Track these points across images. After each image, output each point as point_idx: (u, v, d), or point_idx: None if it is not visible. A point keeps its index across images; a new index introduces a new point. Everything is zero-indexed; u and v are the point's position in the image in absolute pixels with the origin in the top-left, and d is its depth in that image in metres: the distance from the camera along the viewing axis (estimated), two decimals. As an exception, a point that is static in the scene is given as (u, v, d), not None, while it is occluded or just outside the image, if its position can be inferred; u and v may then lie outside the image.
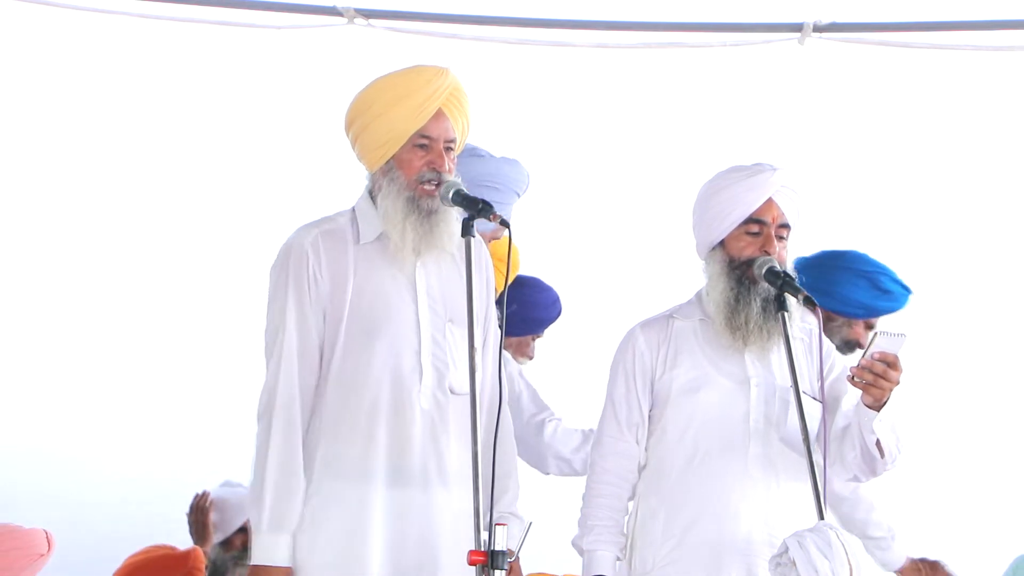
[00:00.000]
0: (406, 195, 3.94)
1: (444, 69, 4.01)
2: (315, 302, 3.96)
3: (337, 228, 4.03)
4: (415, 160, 3.95)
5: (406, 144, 3.96)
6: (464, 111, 4.03)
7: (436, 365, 3.96)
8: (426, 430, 3.93)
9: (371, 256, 4.01)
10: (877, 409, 3.88)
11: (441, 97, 3.97)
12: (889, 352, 3.84)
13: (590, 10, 5.94)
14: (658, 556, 4.06)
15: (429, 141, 3.96)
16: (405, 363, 3.94)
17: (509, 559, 3.47)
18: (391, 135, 3.96)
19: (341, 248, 4.00)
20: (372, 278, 3.99)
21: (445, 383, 3.96)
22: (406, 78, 4.00)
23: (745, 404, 4.07)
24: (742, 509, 4.02)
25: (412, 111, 3.95)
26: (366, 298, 3.97)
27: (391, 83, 4.01)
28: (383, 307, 3.97)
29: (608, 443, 4.15)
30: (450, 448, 3.94)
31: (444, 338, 3.97)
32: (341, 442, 3.93)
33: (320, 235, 4.01)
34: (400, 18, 6.01)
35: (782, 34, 5.92)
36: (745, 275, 4.06)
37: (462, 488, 3.85)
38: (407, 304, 3.97)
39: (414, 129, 3.95)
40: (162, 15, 5.99)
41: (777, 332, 4.02)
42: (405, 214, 3.94)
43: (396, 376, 3.93)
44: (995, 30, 5.78)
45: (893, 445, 3.94)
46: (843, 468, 4.04)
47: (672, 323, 4.17)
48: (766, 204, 4.07)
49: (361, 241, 4.01)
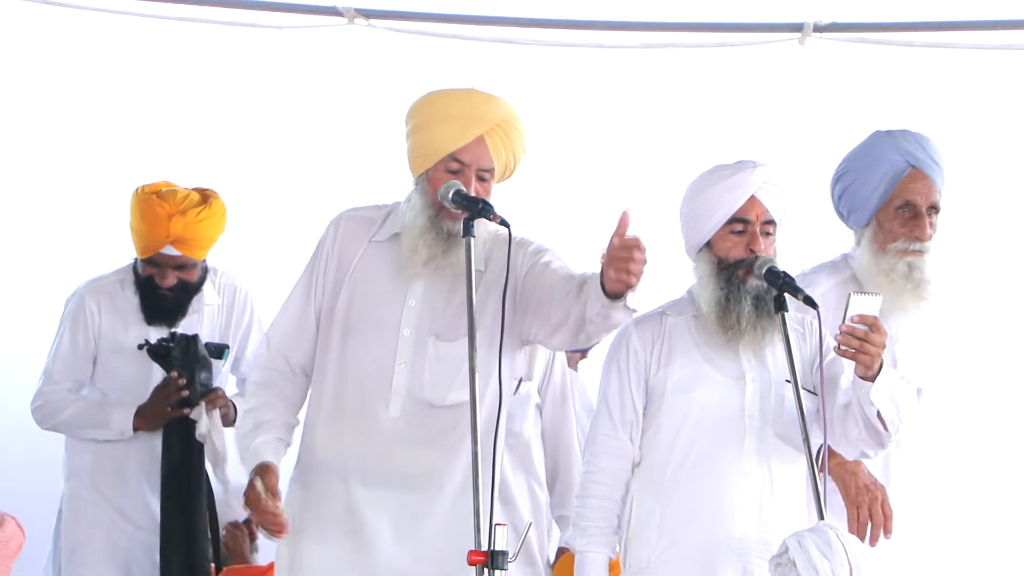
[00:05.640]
0: (429, 213, 3.94)
1: (495, 98, 4.00)
2: (320, 281, 4.04)
3: (370, 219, 4.08)
4: (444, 181, 3.93)
5: (439, 163, 3.95)
6: (511, 144, 4.00)
7: (411, 376, 3.95)
8: (392, 437, 3.95)
9: (377, 255, 4.03)
10: (871, 380, 3.88)
11: (485, 125, 3.95)
12: (868, 314, 3.84)
13: (590, 10, 5.94)
14: (653, 554, 4.06)
15: (461, 166, 3.94)
16: (378, 368, 3.96)
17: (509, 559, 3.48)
18: (428, 150, 3.97)
19: (357, 240, 4.04)
20: (368, 278, 4.02)
21: (420, 395, 3.95)
22: (455, 99, 3.99)
23: (740, 400, 4.07)
24: (737, 507, 4.03)
25: (452, 133, 3.94)
26: (355, 296, 4.01)
27: (441, 99, 4.01)
28: (367, 309, 3.99)
29: (602, 441, 4.14)
30: (418, 456, 3.95)
31: (425, 351, 3.96)
32: (319, 433, 4.01)
33: (348, 221, 4.09)
34: (400, 18, 6.01)
35: (782, 34, 5.92)
36: (734, 275, 4.06)
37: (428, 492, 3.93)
38: (392, 311, 3.98)
39: (449, 151, 3.94)
40: (162, 15, 6.00)
41: (772, 328, 4.03)
42: (423, 231, 3.94)
43: (366, 379, 3.96)
44: (995, 30, 5.79)
45: (894, 414, 3.94)
46: (849, 446, 4.04)
47: (665, 320, 4.17)
48: (749, 202, 4.07)
49: (376, 238, 4.03)
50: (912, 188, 4.34)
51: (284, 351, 4.06)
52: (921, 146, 4.36)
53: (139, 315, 5.15)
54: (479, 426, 3.54)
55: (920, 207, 4.33)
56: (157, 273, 5.11)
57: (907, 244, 4.32)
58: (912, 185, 4.34)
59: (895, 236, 4.34)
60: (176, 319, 5.14)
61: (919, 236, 4.31)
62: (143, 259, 5.12)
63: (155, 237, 5.07)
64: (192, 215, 5.07)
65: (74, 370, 5.14)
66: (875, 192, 4.36)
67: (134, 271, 5.18)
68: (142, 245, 5.13)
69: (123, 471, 5.10)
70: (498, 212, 3.78)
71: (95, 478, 5.11)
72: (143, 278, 5.14)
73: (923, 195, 4.33)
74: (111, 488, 5.11)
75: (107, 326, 5.13)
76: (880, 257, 4.34)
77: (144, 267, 5.13)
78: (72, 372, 5.13)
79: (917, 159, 4.34)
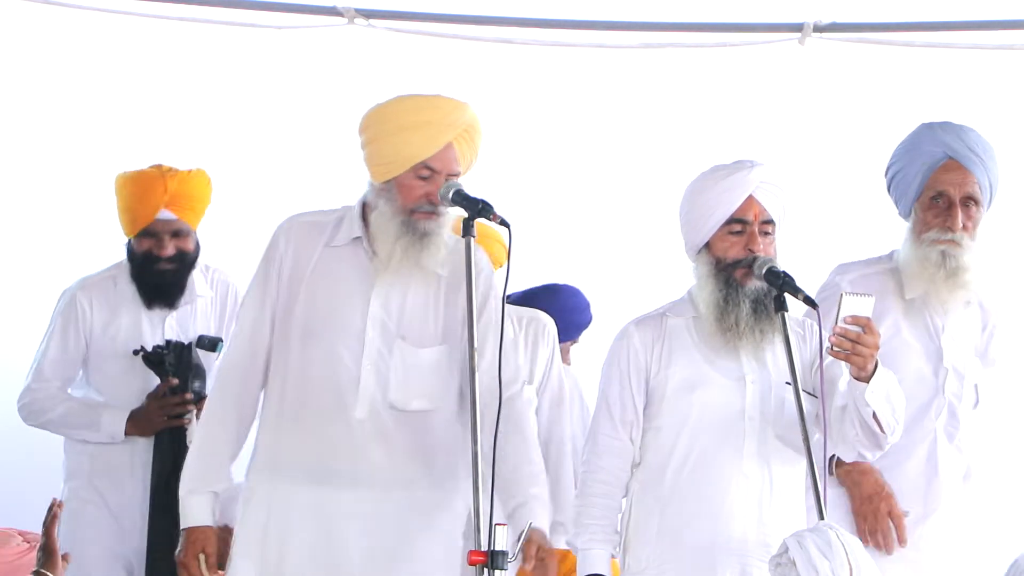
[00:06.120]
0: (400, 218, 3.96)
1: (464, 104, 4.02)
2: (273, 287, 4.04)
3: (319, 223, 4.09)
4: (415, 189, 3.96)
5: (409, 170, 3.97)
6: (475, 147, 4.03)
7: (377, 379, 3.97)
8: (358, 439, 3.97)
9: (335, 260, 4.04)
10: (866, 381, 3.87)
11: (455, 132, 3.98)
12: (860, 315, 3.84)
13: (590, 10, 5.95)
14: (652, 555, 4.06)
15: (432, 173, 3.96)
16: (342, 372, 3.97)
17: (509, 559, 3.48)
18: (397, 157, 3.97)
19: (311, 245, 4.05)
20: (328, 281, 4.03)
21: (386, 398, 3.97)
22: (426, 105, 4.00)
23: (741, 401, 4.06)
24: (737, 508, 4.02)
25: (423, 140, 3.95)
26: (316, 300, 4.02)
27: (411, 106, 4.01)
28: (328, 314, 4.00)
29: (602, 441, 4.14)
30: (386, 458, 3.97)
31: (391, 354, 3.98)
32: (280, 435, 4.02)
33: (299, 226, 4.09)
34: (400, 18, 6.02)
35: (782, 34, 5.92)
36: (732, 276, 4.06)
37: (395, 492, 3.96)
38: (356, 315, 4.00)
39: (421, 159, 3.95)
40: (162, 15, 6.00)
41: (771, 330, 4.03)
42: (398, 236, 3.96)
43: (331, 383, 3.98)
44: (995, 30, 5.79)
45: (889, 415, 3.92)
46: (847, 448, 4.04)
47: (666, 321, 4.17)
48: (747, 202, 4.06)
49: (333, 243, 4.05)
50: (944, 179, 4.35)
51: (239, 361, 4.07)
52: (959, 137, 4.37)
53: (135, 303, 5.13)
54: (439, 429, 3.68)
55: (953, 197, 4.34)
56: (155, 244, 5.08)
57: (940, 234, 4.33)
58: (945, 176, 4.35)
59: (929, 226, 4.35)
60: (175, 299, 5.11)
61: (951, 226, 4.31)
62: (139, 233, 5.09)
63: (150, 203, 5.06)
64: (183, 174, 5.10)
65: (64, 368, 5.12)
66: (913, 182, 4.39)
67: (129, 259, 5.15)
68: (135, 218, 5.10)
69: (122, 472, 5.10)
70: (498, 212, 3.79)
71: (94, 479, 5.10)
72: (140, 257, 5.10)
73: (956, 185, 4.34)
74: (110, 489, 5.10)
75: (100, 323, 5.12)
76: (917, 247, 4.37)
77: (140, 242, 5.09)
78: (62, 370, 5.12)
79: (954, 150, 4.35)
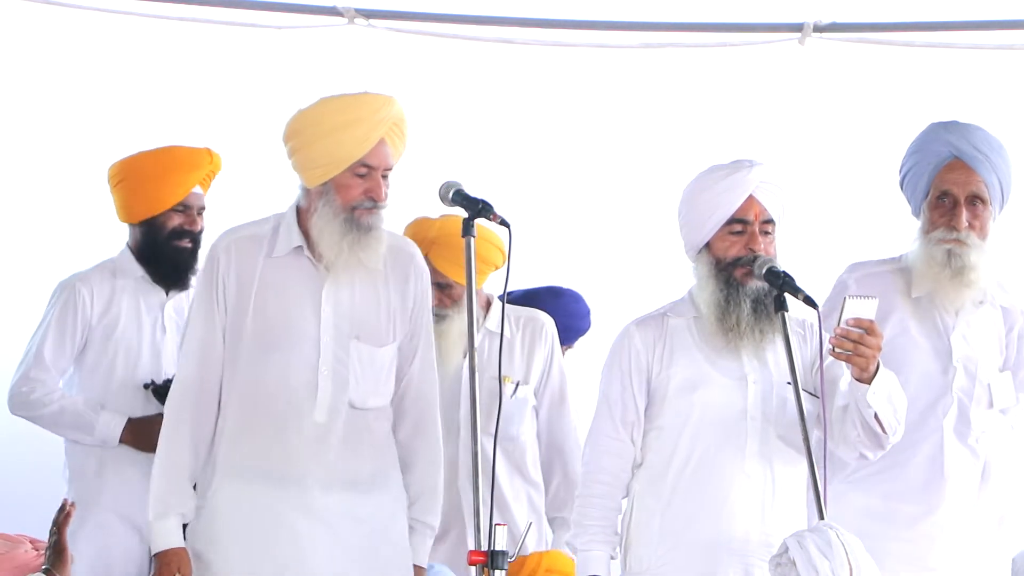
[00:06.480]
0: (343, 216, 4.01)
1: (391, 98, 4.07)
2: (220, 304, 4.07)
3: (256, 236, 4.13)
4: (354, 187, 4.02)
5: (347, 170, 4.02)
6: (404, 139, 4.10)
7: (335, 381, 4.02)
8: (319, 442, 4.02)
9: (279, 269, 4.09)
10: (867, 382, 3.87)
11: (385, 127, 4.03)
12: (863, 317, 3.84)
13: (590, 10, 5.95)
14: (653, 556, 4.06)
15: (368, 170, 4.02)
16: (300, 377, 4.03)
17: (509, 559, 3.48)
18: (332, 159, 4.02)
19: (252, 259, 4.09)
20: (276, 292, 4.07)
21: (344, 397, 4.03)
22: (354, 104, 4.05)
23: (743, 402, 4.07)
24: (739, 509, 4.02)
25: (356, 139, 4.01)
26: (266, 311, 4.07)
27: (339, 106, 4.06)
28: (282, 322, 4.05)
29: (603, 442, 4.14)
30: (348, 459, 4.04)
31: (347, 355, 4.04)
32: (239, 443, 4.06)
33: (235, 241, 4.12)
34: (400, 18, 6.01)
35: (782, 34, 5.92)
36: (733, 276, 4.06)
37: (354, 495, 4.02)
38: (308, 320, 4.05)
39: (356, 157, 4.01)
40: (162, 15, 6.00)
41: (771, 330, 4.03)
42: (343, 233, 4.01)
43: (290, 389, 4.03)
44: (995, 30, 5.78)
45: (891, 416, 3.93)
46: (848, 448, 4.04)
47: (667, 321, 4.17)
48: (747, 202, 4.06)
49: (274, 254, 4.08)
50: (949, 178, 4.36)
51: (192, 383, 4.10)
52: (965, 137, 4.38)
53: (134, 295, 5.13)
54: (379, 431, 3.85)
55: (957, 196, 4.34)
56: (186, 220, 5.09)
57: (946, 233, 4.34)
58: (950, 175, 4.36)
59: (936, 225, 4.37)
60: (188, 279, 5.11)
61: (955, 226, 4.32)
62: (171, 208, 5.07)
63: (192, 176, 5.09)
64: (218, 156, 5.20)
65: (63, 355, 5.11)
66: (921, 182, 4.41)
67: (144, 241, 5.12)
68: (171, 192, 5.08)
69: (126, 475, 5.09)
70: (498, 212, 3.79)
71: (100, 479, 5.10)
72: (168, 233, 5.08)
73: (960, 185, 4.34)
74: (117, 489, 5.10)
75: (99, 314, 5.11)
76: (924, 246, 4.38)
77: (171, 217, 5.08)
78: (61, 360, 5.11)
79: (959, 149, 4.35)
